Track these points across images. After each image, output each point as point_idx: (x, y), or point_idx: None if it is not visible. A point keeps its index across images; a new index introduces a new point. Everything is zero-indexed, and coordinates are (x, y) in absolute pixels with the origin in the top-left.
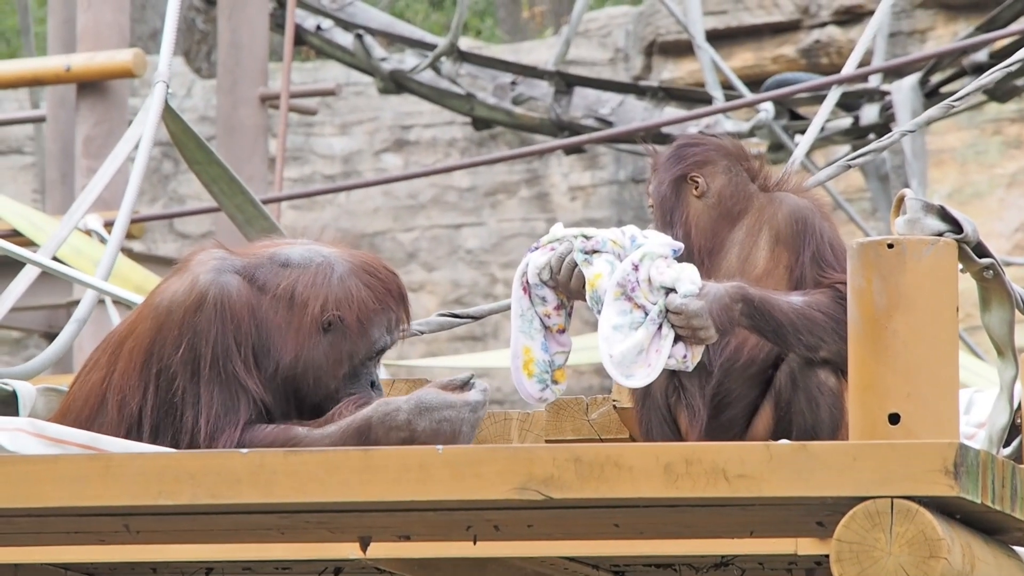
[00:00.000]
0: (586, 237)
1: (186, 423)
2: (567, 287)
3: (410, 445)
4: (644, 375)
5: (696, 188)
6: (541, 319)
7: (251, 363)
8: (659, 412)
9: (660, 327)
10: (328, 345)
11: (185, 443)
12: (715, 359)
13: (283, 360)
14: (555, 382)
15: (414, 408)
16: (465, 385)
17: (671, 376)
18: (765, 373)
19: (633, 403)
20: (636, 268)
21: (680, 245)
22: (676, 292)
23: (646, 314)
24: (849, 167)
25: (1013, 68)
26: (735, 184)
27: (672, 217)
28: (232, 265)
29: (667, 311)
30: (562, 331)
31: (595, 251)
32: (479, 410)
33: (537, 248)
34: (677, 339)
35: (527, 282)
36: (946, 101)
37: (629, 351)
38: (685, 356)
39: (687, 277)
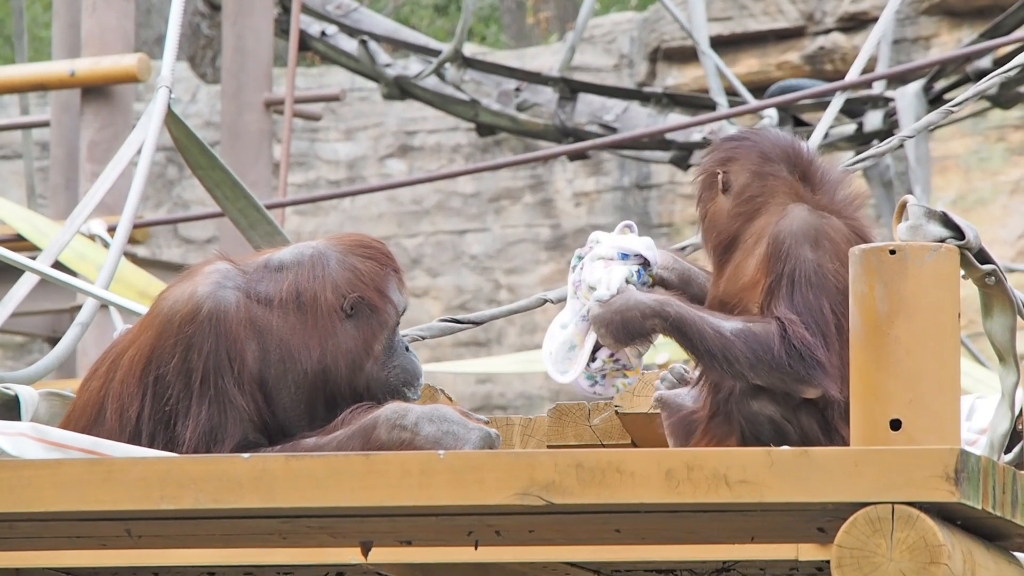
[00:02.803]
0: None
1: (179, 434)
2: None
3: (409, 449)
4: (575, 371)
5: (721, 184)
6: None
7: (246, 381)
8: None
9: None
10: (354, 328)
11: (178, 453)
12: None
13: (310, 362)
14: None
15: (425, 414)
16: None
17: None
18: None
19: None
20: (583, 268)
21: (633, 249)
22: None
23: None
24: (849, 172)
25: (1012, 73)
26: (761, 184)
27: (702, 211)
28: (234, 281)
29: None
30: None
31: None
32: (486, 442)
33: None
34: None
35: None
36: (946, 106)
37: (560, 347)
38: (614, 356)
39: (607, 281)
